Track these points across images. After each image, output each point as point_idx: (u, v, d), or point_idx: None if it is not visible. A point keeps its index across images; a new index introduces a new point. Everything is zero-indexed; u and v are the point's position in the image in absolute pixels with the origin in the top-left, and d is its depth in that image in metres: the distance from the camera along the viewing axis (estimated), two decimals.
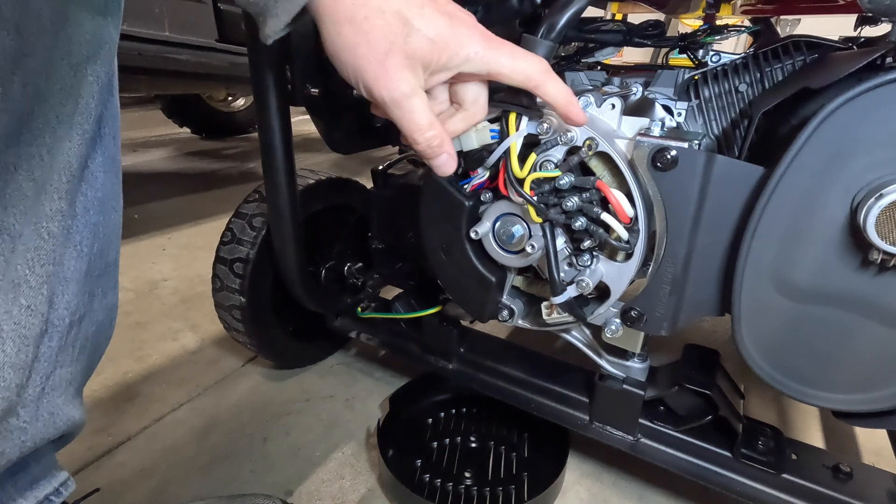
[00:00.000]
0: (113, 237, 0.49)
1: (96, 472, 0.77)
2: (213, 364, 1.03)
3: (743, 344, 0.54)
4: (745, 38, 2.09)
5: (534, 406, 0.73)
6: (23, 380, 0.42)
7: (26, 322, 0.41)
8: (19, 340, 0.40)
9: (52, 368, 0.45)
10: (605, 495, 0.77)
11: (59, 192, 0.41)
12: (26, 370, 0.42)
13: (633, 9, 1.29)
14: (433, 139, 0.42)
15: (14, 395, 0.41)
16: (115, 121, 0.47)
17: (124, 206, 0.50)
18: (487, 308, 0.63)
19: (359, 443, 0.84)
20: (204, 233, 1.72)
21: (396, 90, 0.39)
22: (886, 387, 0.50)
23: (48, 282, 0.42)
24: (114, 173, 0.48)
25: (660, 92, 0.70)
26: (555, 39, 0.48)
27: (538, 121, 0.52)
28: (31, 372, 0.43)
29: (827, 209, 0.46)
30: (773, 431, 0.66)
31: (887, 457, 0.85)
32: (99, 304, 0.49)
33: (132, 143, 3.08)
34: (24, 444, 0.45)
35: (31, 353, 0.42)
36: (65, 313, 0.45)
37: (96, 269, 0.48)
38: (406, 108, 0.40)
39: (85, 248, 0.46)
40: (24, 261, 0.40)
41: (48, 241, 0.41)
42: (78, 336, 0.47)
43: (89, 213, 0.45)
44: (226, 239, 0.87)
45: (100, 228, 0.47)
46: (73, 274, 0.45)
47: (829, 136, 0.44)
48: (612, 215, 0.52)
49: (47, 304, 0.42)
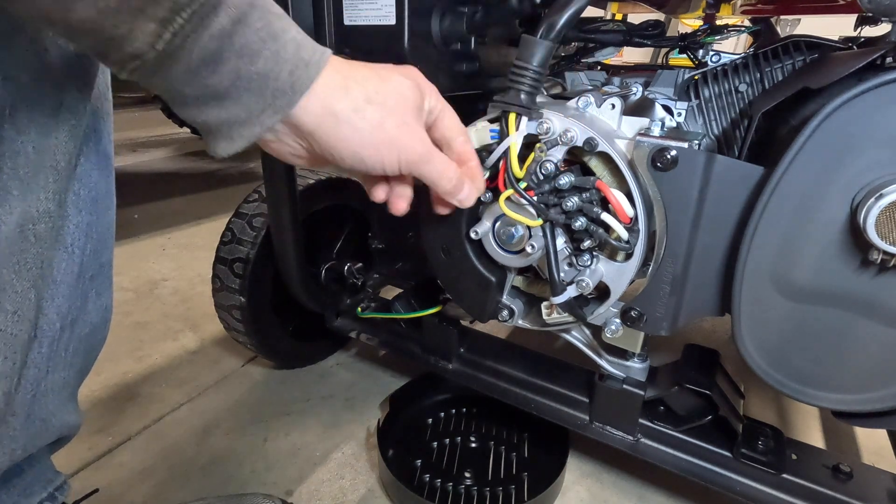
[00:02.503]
0: (107, 237, 0.48)
1: (96, 472, 0.77)
2: (213, 364, 1.03)
3: (743, 344, 0.54)
4: (745, 38, 2.09)
5: (534, 406, 0.73)
6: (10, 388, 0.40)
7: (13, 328, 0.39)
8: (5, 348, 0.39)
9: (43, 374, 0.44)
10: (605, 495, 0.77)
11: (47, 191, 0.40)
12: (14, 378, 0.40)
13: (633, 9, 1.29)
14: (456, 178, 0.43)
15: (2, 404, 0.40)
16: (109, 118, 0.46)
17: (124, 206, 0.50)
18: (487, 308, 0.63)
19: (359, 443, 0.84)
20: (204, 233, 1.72)
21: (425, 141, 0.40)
22: (886, 387, 0.50)
23: (35, 286, 0.40)
24: (107, 172, 0.46)
25: (660, 92, 0.70)
26: (554, 39, 0.48)
27: (538, 121, 0.52)
28: (20, 379, 0.41)
29: (827, 209, 0.46)
30: (773, 431, 0.66)
31: (887, 457, 0.84)
32: (93, 306, 0.48)
33: (132, 143, 3.08)
34: (13, 452, 0.43)
35: (19, 360, 0.40)
36: (55, 317, 0.44)
37: (89, 270, 0.46)
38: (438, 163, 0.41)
39: (77, 249, 0.44)
40: (9, 265, 0.38)
41: (35, 244, 0.39)
42: (71, 339, 0.46)
43: (82, 212, 0.44)
44: (226, 239, 0.87)
45: (93, 228, 0.45)
46: (64, 276, 0.44)
47: (829, 136, 0.44)
48: (612, 215, 0.52)
49: (35, 309, 0.41)
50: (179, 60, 0.29)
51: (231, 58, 0.30)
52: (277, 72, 0.32)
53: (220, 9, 0.29)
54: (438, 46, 0.63)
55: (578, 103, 0.55)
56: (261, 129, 0.34)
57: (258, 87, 0.32)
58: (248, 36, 0.30)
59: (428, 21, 0.61)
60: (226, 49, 0.30)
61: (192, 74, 0.30)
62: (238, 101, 0.32)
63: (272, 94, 0.32)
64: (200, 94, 0.31)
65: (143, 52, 0.28)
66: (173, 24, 0.28)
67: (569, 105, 0.56)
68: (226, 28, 0.29)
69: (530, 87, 0.50)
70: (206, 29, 0.29)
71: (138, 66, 0.29)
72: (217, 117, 0.32)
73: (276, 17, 0.32)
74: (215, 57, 0.30)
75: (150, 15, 0.27)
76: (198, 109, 0.32)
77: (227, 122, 0.33)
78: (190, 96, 0.31)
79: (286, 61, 0.32)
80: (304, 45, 0.34)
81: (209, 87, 0.31)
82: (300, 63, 0.33)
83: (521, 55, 0.49)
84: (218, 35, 0.29)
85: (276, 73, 0.32)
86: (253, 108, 0.32)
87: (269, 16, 0.31)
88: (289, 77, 0.32)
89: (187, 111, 0.32)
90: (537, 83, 0.50)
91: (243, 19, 0.30)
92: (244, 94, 0.32)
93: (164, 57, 0.29)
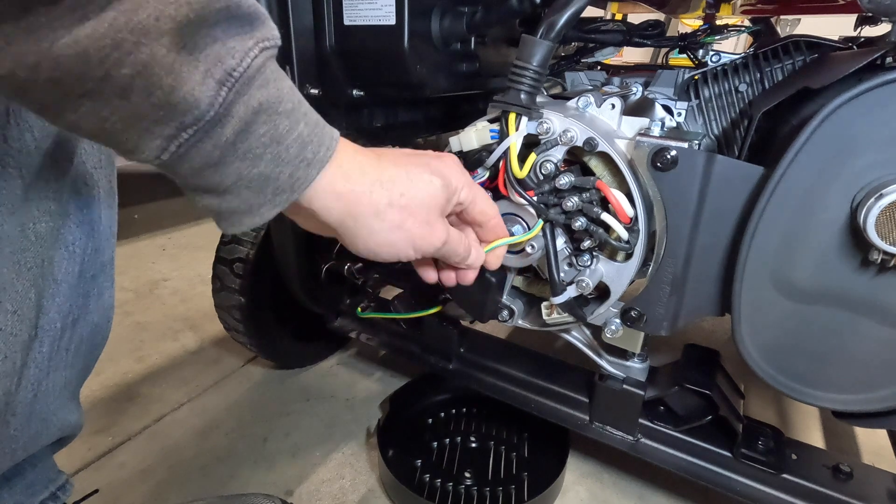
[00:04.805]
0: (108, 235, 0.48)
1: (96, 472, 0.77)
2: (214, 364, 1.03)
3: (743, 344, 0.54)
4: (745, 38, 2.09)
5: (534, 406, 0.73)
6: (11, 387, 0.40)
7: (13, 328, 0.39)
8: (6, 347, 0.38)
9: (44, 374, 0.44)
10: (605, 495, 0.77)
11: (48, 190, 0.40)
12: (15, 377, 0.40)
13: (633, 9, 1.29)
14: (475, 258, 0.47)
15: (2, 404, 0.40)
16: None
17: (124, 206, 0.50)
18: (487, 308, 0.63)
19: (359, 443, 0.84)
20: (204, 233, 1.72)
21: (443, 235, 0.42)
22: (886, 387, 0.50)
23: (36, 285, 0.40)
24: (108, 170, 0.46)
25: (660, 92, 0.70)
26: (554, 39, 0.48)
27: (538, 121, 0.52)
28: (20, 379, 0.41)
29: (827, 209, 0.46)
30: (773, 431, 0.66)
31: (887, 457, 0.85)
32: (94, 305, 0.48)
33: None
34: (15, 451, 0.43)
35: (20, 359, 0.40)
36: (56, 317, 0.43)
37: (90, 269, 0.46)
38: (452, 245, 0.43)
39: (78, 249, 0.44)
40: (9, 264, 0.38)
41: (35, 243, 0.39)
42: (72, 339, 0.46)
43: (82, 211, 0.44)
44: (226, 239, 0.87)
45: (94, 227, 0.45)
46: (65, 275, 0.43)
47: (830, 136, 0.44)
48: (612, 215, 0.52)
49: (36, 308, 0.41)
50: (184, 164, 0.30)
51: (234, 161, 0.31)
52: (278, 173, 0.33)
53: (225, 122, 0.30)
54: (438, 46, 0.63)
55: (578, 103, 0.55)
56: (261, 219, 0.35)
57: (258, 186, 0.33)
58: (251, 142, 0.31)
59: (428, 21, 0.61)
60: (228, 155, 0.31)
61: (194, 173, 0.31)
62: (238, 195, 0.33)
63: (272, 192, 0.33)
64: (203, 187, 0.32)
65: (151, 160, 0.30)
66: (178, 139, 0.29)
67: (569, 105, 0.56)
68: (229, 139, 0.30)
69: (530, 87, 0.50)
70: (210, 139, 0.30)
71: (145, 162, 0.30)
72: (217, 206, 0.34)
73: (283, 117, 0.32)
74: (218, 162, 0.31)
75: (156, 133, 0.28)
76: (200, 196, 0.33)
77: (229, 211, 0.34)
78: (190, 186, 0.32)
79: (287, 163, 0.33)
80: (310, 141, 0.34)
81: (211, 183, 0.32)
82: (301, 164, 0.34)
83: (521, 55, 0.49)
84: (222, 145, 0.30)
85: (276, 174, 0.33)
86: (253, 202, 0.34)
87: (275, 118, 0.32)
88: (289, 179, 0.33)
89: (195, 196, 0.34)
90: (537, 83, 0.50)
91: (247, 128, 0.31)
92: (244, 191, 0.33)
93: (170, 163, 0.30)
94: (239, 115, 0.30)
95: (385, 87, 0.68)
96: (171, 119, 0.28)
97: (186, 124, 0.29)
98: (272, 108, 0.32)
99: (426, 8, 0.60)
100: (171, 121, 0.28)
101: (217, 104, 0.29)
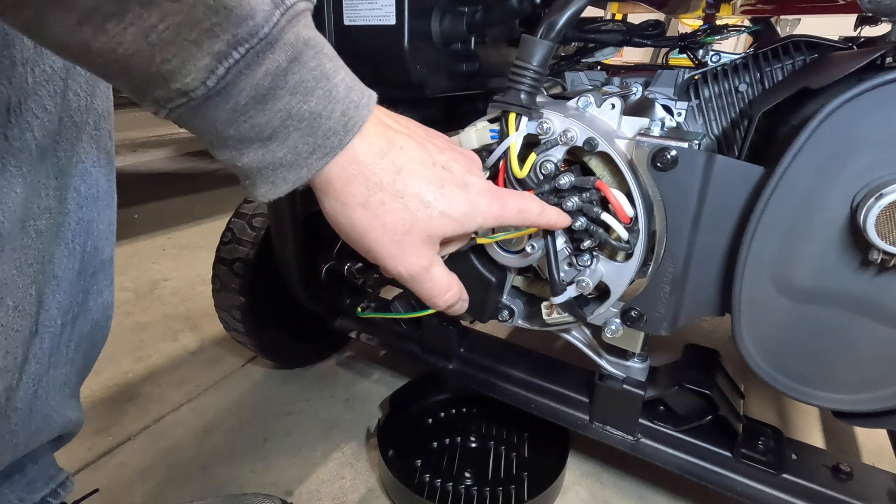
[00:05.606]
0: (108, 234, 0.48)
1: (96, 472, 0.77)
2: (214, 364, 1.03)
3: (743, 344, 0.54)
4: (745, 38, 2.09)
5: (534, 406, 0.73)
6: (11, 383, 0.41)
7: (14, 324, 0.39)
8: (7, 343, 0.39)
9: (44, 370, 0.44)
10: (605, 495, 0.77)
11: (48, 187, 0.40)
12: (15, 373, 0.41)
13: (633, 9, 1.29)
14: (451, 298, 0.42)
15: (3, 399, 0.40)
16: (110, 116, 0.45)
17: (124, 206, 0.50)
18: (487, 308, 0.63)
19: (359, 443, 0.84)
20: (204, 233, 1.72)
21: (414, 266, 0.38)
22: (886, 387, 0.50)
23: (36, 281, 0.40)
24: (108, 169, 0.46)
25: (660, 92, 0.70)
26: (554, 39, 0.48)
27: (538, 121, 0.52)
28: (21, 375, 0.41)
29: (827, 209, 0.46)
30: (773, 431, 0.66)
31: (887, 457, 0.85)
32: (94, 303, 0.48)
33: (132, 143, 3.08)
34: (15, 447, 0.44)
35: (21, 355, 0.41)
36: (56, 313, 0.44)
37: (90, 266, 0.46)
38: (425, 280, 0.39)
39: (77, 246, 0.44)
40: (10, 260, 0.38)
41: (36, 240, 0.40)
42: (72, 336, 0.46)
43: (82, 209, 0.44)
44: (226, 239, 0.87)
45: (93, 225, 0.45)
46: (65, 272, 0.44)
47: (829, 136, 0.44)
48: (612, 215, 0.52)
49: (37, 304, 0.41)
50: (229, 98, 0.28)
51: (284, 96, 0.29)
52: (330, 111, 0.31)
53: (277, 46, 0.28)
54: (438, 46, 0.63)
55: (578, 103, 0.55)
56: (308, 171, 0.32)
57: (309, 126, 0.31)
58: (303, 74, 0.29)
59: (428, 21, 0.61)
60: (279, 86, 0.29)
61: (238, 114, 0.29)
62: (285, 141, 0.30)
63: (324, 133, 0.31)
64: (244, 136, 0.30)
65: (192, 89, 0.27)
66: (228, 58, 0.26)
67: (569, 105, 0.56)
68: (281, 65, 0.28)
69: (530, 86, 0.50)
70: (262, 65, 0.28)
71: (181, 105, 0.27)
72: (260, 160, 0.31)
73: (328, 59, 0.31)
74: (267, 95, 0.29)
75: (205, 48, 0.26)
76: (238, 152, 0.31)
77: (272, 165, 0.31)
78: (232, 138, 0.30)
79: (338, 101, 0.31)
80: (354, 87, 0.33)
81: (255, 126, 0.29)
82: (351, 104, 0.32)
83: (521, 55, 0.49)
84: (273, 72, 0.28)
85: (328, 111, 0.31)
86: (301, 149, 0.31)
87: (321, 56, 0.31)
88: (341, 117, 0.32)
89: (226, 153, 0.31)
90: (537, 83, 0.50)
91: (298, 58, 0.29)
92: (293, 134, 0.30)
93: (213, 94, 0.27)
94: (290, 41, 0.28)
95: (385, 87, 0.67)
96: (224, 29, 0.26)
97: (240, 38, 0.26)
98: (318, 47, 0.30)
99: (426, 8, 0.60)
100: (225, 32, 0.26)
101: (272, 23, 0.27)
